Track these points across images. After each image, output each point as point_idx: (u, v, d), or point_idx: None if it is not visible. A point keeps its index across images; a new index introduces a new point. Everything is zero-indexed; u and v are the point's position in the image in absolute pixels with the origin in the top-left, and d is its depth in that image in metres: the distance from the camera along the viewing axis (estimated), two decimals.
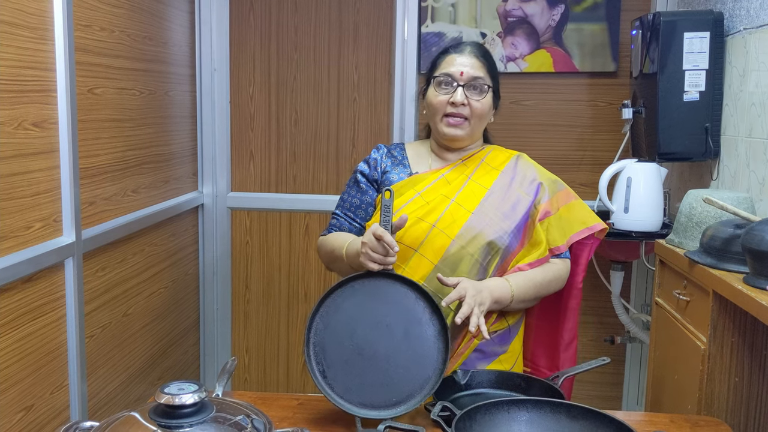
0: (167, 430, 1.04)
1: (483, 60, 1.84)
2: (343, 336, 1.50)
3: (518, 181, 1.86)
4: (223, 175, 3.19)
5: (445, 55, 1.86)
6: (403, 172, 1.89)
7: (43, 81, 1.90)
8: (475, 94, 1.81)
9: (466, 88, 1.80)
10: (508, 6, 2.97)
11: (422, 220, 1.78)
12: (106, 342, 2.29)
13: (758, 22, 2.12)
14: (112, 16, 2.28)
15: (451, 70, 1.82)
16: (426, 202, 1.80)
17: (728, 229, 1.76)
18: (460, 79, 1.80)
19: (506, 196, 1.83)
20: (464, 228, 1.77)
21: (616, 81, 2.98)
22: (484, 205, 1.80)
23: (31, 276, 1.85)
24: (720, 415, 1.74)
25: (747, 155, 2.18)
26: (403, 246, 1.76)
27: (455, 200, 1.80)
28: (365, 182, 1.91)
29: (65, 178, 2.00)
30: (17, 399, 1.81)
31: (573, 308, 1.89)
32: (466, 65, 1.82)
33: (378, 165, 1.91)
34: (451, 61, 1.83)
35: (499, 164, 1.88)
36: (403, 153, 1.94)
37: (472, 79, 1.80)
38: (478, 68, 1.82)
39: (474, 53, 1.84)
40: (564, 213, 1.85)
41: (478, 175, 1.86)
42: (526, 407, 1.35)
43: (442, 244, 1.76)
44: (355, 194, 1.91)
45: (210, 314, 3.25)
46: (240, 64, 3.15)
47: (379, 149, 1.95)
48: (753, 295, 1.50)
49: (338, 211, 1.93)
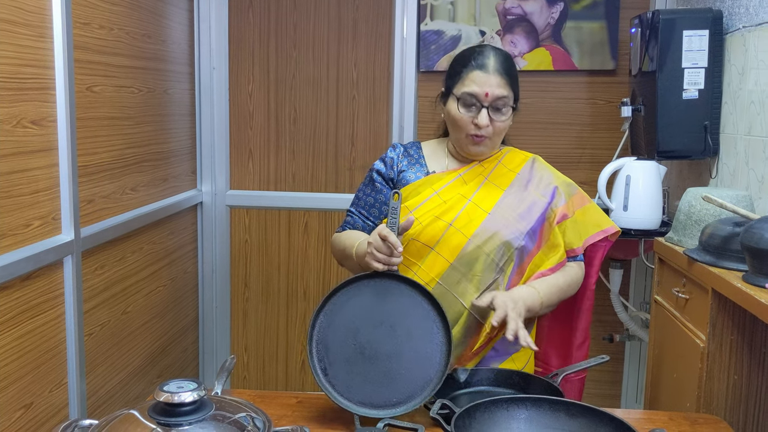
0: (166, 428, 1.04)
1: (506, 76, 1.79)
2: (347, 334, 1.50)
3: (534, 183, 1.88)
4: (222, 173, 3.19)
5: (468, 70, 1.80)
6: (420, 171, 1.89)
7: (42, 79, 1.90)
8: (499, 114, 1.79)
9: (490, 108, 1.77)
10: (507, 4, 2.96)
11: (439, 218, 1.79)
12: (105, 340, 2.29)
13: (757, 20, 2.12)
14: (111, 14, 2.28)
15: (475, 90, 1.77)
16: (443, 201, 1.82)
17: (727, 227, 1.76)
18: (485, 100, 1.77)
19: (522, 197, 1.85)
20: (481, 228, 1.78)
21: (615, 79, 2.98)
22: (500, 206, 1.81)
23: (30, 274, 1.85)
24: (719, 413, 1.74)
25: (746, 153, 2.18)
26: (419, 244, 1.78)
27: (472, 200, 1.82)
28: (381, 181, 1.91)
29: (64, 176, 1.99)
30: (16, 397, 1.81)
31: (586, 309, 1.92)
32: (492, 84, 1.77)
33: (395, 164, 1.91)
34: (475, 79, 1.78)
35: (515, 166, 1.90)
36: (420, 152, 1.94)
37: (497, 99, 1.77)
38: (502, 86, 1.78)
39: (498, 70, 1.78)
40: (579, 216, 1.88)
41: (495, 176, 1.87)
42: (525, 405, 1.35)
43: (459, 243, 1.77)
44: (369, 192, 1.92)
45: (209, 312, 3.24)
46: (239, 62, 3.15)
47: (395, 148, 1.94)
48: (752, 293, 1.50)
49: (353, 208, 1.94)
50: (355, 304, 1.52)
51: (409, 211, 1.80)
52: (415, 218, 1.77)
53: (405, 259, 1.78)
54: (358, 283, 1.54)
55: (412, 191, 1.85)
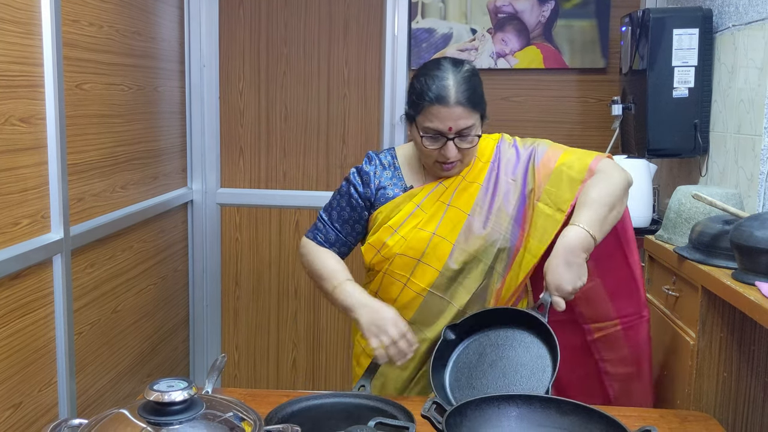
0: (156, 427, 1.03)
1: (469, 105, 1.69)
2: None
3: (503, 170, 1.79)
4: (213, 171, 3.18)
5: (428, 104, 1.69)
6: (398, 186, 1.82)
7: (31, 76, 1.89)
8: (466, 141, 1.72)
9: (456, 138, 1.70)
10: (499, 2, 2.97)
11: (422, 229, 1.76)
12: (94, 339, 2.28)
13: (747, 19, 2.13)
14: (101, 11, 2.27)
15: (438, 126, 1.69)
16: (426, 213, 1.77)
17: (717, 225, 1.76)
18: (449, 133, 1.69)
19: (497, 188, 1.79)
20: (464, 231, 1.75)
21: (606, 77, 2.99)
22: (479, 204, 1.77)
23: (18, 273, 1.84)
24: (708, 410, 1.75)
25: (735, 151, 2.19)
26: (407, 258, 1.75)
27: (451, 204, 1.77)
28: (357, 200, 1.82)
29: (53, 174, 1.98)
30: (5, 396, 1.80)
31: (636, 262, 1.80)
32: (453, 118, 1.67)
33: (371, 181, 1.82)
34: (437, 114, 1.68)
35: (487, 158, 1.83)
36: (395, 162, 1.86)
37: (462, 130, 1.70)
38: (466, 116, 1.69)
39: (459, 101, 1.67)
40: (565, 159, 1.75)
41: (471, 173, 1.82)
42: (516, 403, 1.35)
43: (444, 251, 1.74)
44: (345, 206, 1.84)
45: (199, 311, 3.23)
46: (229, 60, 3.14)
47: (371, 160, 1.85)
48: (741, 291, 1.50)
49: (326, 217, 1.85)
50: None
51: (393, 230, 1.76)
52: (401, 235, 1.75)
53: (393, 273, 1.77)
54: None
55: (393, 208, 1.78)
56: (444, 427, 1.23)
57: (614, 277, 1.82)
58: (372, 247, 1.79)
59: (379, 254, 1.78)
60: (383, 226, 1.78)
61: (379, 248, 1.78)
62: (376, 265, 1.80)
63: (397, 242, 1.75)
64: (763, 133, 2.01)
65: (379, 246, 1.78)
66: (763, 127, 2.01)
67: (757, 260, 1.54)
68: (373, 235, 1.81)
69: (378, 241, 1.78)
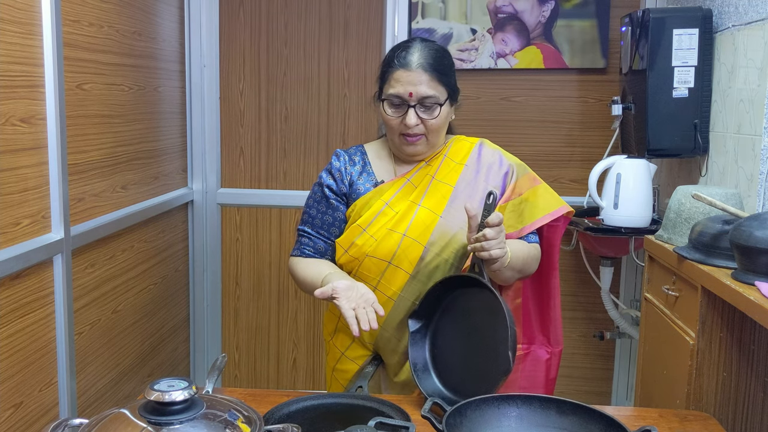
0: (157, 427, 1.03)
1: (431, 71, 1.69)
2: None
3: (483, 174, 1.77)
4: (213, 171, 3.18)
5: (393, 70, 1.71)
6: (369, 181, 1.80)
7: (32, 76, 1.89)
8: (429, 112, 1.70)
9: (417, 107, 1.69)
10: (499, 2, 2.97)
11: (393, 231, 1.72)
12: (95, 339, 2.28)
13: (747, 19, 2.13)
14: (101, 11, 2.27)
15: (399, 91, 1.69)
16: (395, 212, 1.74)
17: (717, 225, 1.77)
18: (410, 100, 1.68)
19: (473, 191, 1.75)
20: (435, 233, 1.71)
21: (606, 77, 2.99)
22: (452, 206, 1.73)
23: (19, 273, 1.84)
24: (708, 410, 1.75)
25: (735, 151, 2.19)
26: (376, 260, 1.71)
27: (422, 205, 1.73)
28: (334, 198, 1.81)
29: (54, 175, 1.98)
30: (6, 396, 1.81)
31: (555, 287, 1.84)
32: (414, 83, 1.67)
33: (343, 176, 1.81)
34: (399, 78, 1.69)
35: (462, 158, 1.79)
36: (365, 157, 1.84)
37: (422, 98, 1.68)
38: (426, 84, 1.68)
39: (423, 66, 1.68)
40: (530, 197, 1.77)
41: (442, 173, 1.77)
42: (516, 403, 1.35)
43: (416, 254, 1.70)
44: (325, 210, 1.81)
45: (200, 311, 3.24)
46: (230, 60, 3.14)
47: (339, 156, 1.83)
48: (741, 291, 1.51)
49: (308, 229, 1.82)
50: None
51: (362, 229, 1.73)
52: (370, 234, 1.72)
53: (364, 276, 1.73)
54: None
55: (363, 205, 1.76)
56: (444, 428, 1.24)
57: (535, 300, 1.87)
58: (340, 247, 1.76)
59: (347, 254, 1.75)
60: (353, 225, 1.75)
61: (347, 248, 1.75)
62: (345, 265, 1.76)
63: (367, 242, 1.72)
64: (762, 133, 2.01)
65: (347, 245, 1.75)
66: (762, 127, 2.01)
67: (756, 260, 1.54)
68: (342, 234, 1.78)
69: (346, 240, 1.75)
